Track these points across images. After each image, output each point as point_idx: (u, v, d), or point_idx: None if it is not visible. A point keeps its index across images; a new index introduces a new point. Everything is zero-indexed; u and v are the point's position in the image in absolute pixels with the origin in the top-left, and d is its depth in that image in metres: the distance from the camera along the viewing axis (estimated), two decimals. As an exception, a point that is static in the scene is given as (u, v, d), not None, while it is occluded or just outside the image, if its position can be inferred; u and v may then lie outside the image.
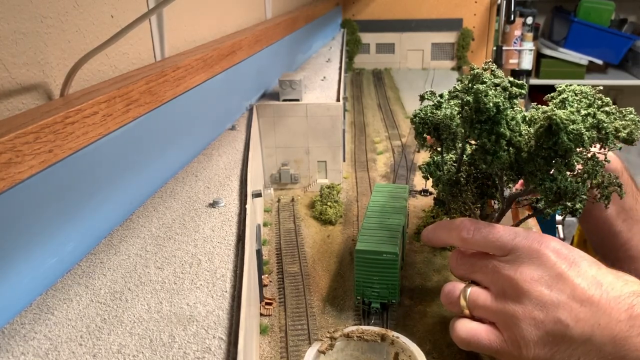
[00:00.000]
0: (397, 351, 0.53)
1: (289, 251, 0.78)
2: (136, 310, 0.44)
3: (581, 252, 0.50)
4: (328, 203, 0.88)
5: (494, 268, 0.51)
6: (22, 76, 0.49)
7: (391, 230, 0.63)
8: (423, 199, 0.95)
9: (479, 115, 0.49)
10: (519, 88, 0.51)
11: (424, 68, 2.14)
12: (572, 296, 0.46)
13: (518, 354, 0.48)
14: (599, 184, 0.53)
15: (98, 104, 0.50)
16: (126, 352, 0.40)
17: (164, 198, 0.65)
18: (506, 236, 0.51)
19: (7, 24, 0.46)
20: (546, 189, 0.50)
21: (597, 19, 2.82)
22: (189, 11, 0.84)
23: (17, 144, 0.40)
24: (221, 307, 0.45)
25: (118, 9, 0.64)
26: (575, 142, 0.47)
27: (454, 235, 0.54)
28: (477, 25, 2.14)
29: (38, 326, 0.42)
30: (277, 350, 0.58)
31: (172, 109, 0.68)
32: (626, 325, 0.44)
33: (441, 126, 0.56)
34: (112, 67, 0.63)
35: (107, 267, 0.51)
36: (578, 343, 0.46)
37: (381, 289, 0.61)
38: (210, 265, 0.51)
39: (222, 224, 0.58)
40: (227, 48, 0.86)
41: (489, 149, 0.50)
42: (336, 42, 1.85)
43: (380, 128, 1.37)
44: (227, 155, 0.78)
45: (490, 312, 0.50)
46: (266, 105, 0.94)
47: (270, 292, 0.68)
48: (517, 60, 2.67)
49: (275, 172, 0.97)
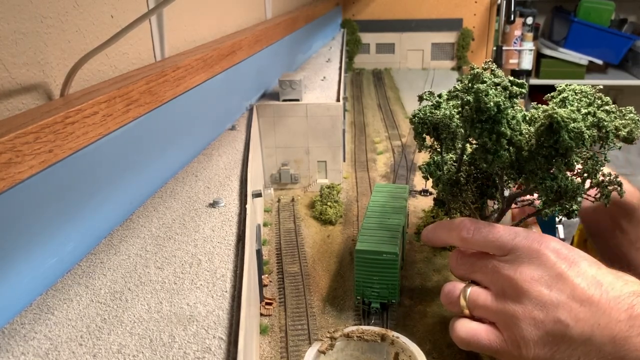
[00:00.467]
0: (397, 351, 0.53)
1: (289, 251, 0.78)
2: (136, 310, 0.44)
3: (581, 252, 0.50)
4: (328, 203, 0.88)
5: (494, 268, 0.51)
6: (22, 76, 0.49)
7: (391, 230, 0.63)
8: (423, 199, 0.95)
9: (480, 114, 0.49)
10: (519, 87, 0.51)
11: (424, 68, 2.14)
12: (571, 296, 0.46)
13: (518, 353, 0.48)
14: (599, 183, 0.53)
15: (98, 104, 0.50)
16: (126, 352, 0.40)
17: (164, 198, 0.65)
18: (506, 236, 0.51)
19: (7, 24, 0.46)
20: (546, 188, 0.50)
21: (597, 19, 2.82)
22: (189, 11, 0.84)
23: (17, 144, 0.40)
24: (221, 307, 0.45)
25: (118, 9, 0.64)
26: (576, 141, 0.47)
27: (454, 235, 0.54)
28: (477, 25, 2.14)
29: (38, 326, 0.42)
30: (277, 350, 0.58)
31: (172, 109, 0.68)
32: (626, 325, 0.44)
33: (440, 126, 0.56)
34: (112, 67, 0.63)
35: (107, 267, 0.51)
36: (578, 343, 0.46)
37: (381, 289, 0.61)
38: (210, 265, 0.51)
39: (222, 224, 0.58)
40: (227, 48, 0.86)
41: (489, 148, 0.50)
42: (336, 42, 1.85)
43: (380, 128, 1.37)
44: (227, 155, 0.78)
45: (490, 312, 0.50)
46: (266, 105, 0.94)
47: (270, 292, 0.68)
48: (517, 60, 2.67)
49: (275, 172, 0.97)
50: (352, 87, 1.82)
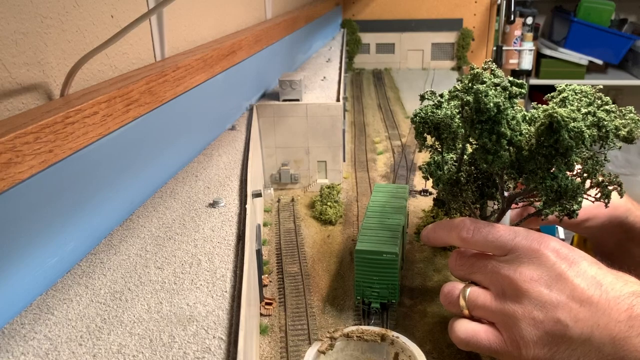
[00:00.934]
0: (397, 351, 0.53)
1: (289, 251, 0.78)
2: (136, 310, 0.44)
3: (581, 252, 0.50)
4: (328, 203, 0.88)
5: (494, 268, 0.51)
6: (22, 76, 0.49)
7: (391, 230, 0.63)
8: (423, 199, 0.95)
9: (480, 115, 0.49)
10: (519, 87, 0.51)
11: (424, 68, 2.14)
12: (571, 296, 0.46)
13: (517, 354, 0.48)
14: (599, 183, 0.53)
15: (98, 104, 0.50)
16: (126, 352, 0.40)
17: (164, 198, 0.65)
18: (506, 236, 0.51)
19: (7, 24, 0.46)
20: (547, 188, 0.50)
21: (597, 19, 2.82)
22: (189, 11, 0.84)
23: (17, 144, 0.40)
24: (221, 307, 0.45)
25: (118, 9, 0.64)
26: (576, 140, 0.47)
27: (453, 235, 0.54)
28: (477, 25, 2.14)
29: (38, 326, 0.42)
30: (277, 350, 0.58)
31: (172, 109, 0.68)
32: (625, 326, 0.44)
33: (441, 126, 0.56)
34: (112, 67, 0.63)
35: (107, 267, 0.51)
36: (577, 343, 0.45)
37: (381, 289, 0.61)
38: (210, 265, 0.51)
39: (222, 224, 0.58)
40: (227, 48, 0.86)
41: (489, 149, 0.50)
42: (336, 42, 1.85)
43: (380, 128, 1.37)
44: (227, 155, 0.78)
45: (490, 312, 0.50)
46: (266, 105, 0.94)
47: (270, 292, 0.68)
48: (517, 60, 2.67)
49: (275, 172, 0.97)
50: (352, 87, 1.82)
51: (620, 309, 0.45)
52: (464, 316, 0.52)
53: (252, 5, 1.21)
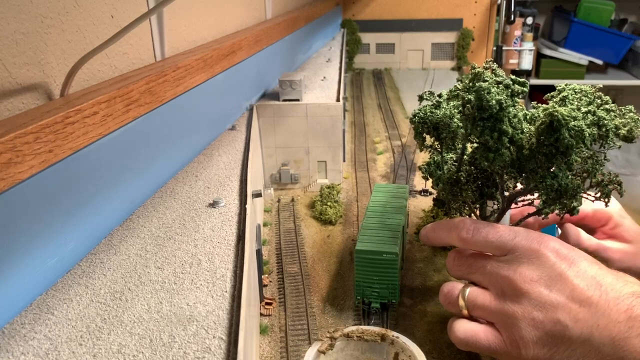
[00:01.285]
0: (397, 351, 0.53)
1: (289, 251, 0.78)
2: (136, 310, 0.44)
3: (581, 252, 0.50)
4: (328, 203, 0.88)
5: (493, 268, 0.51)
6: (22, 76, 0.49)
7: (391, 230, 0.63)
8: (423, 199, 0.95)
9: (482, 112, 0.49)
10: (521, 86, 0.51)
11: (424, 68, 2.14)
12: (571, 297, 0.46)
13: (517, 354, 0.48)
14: (599, 183, 0.53)
15: (98, 104, 0.50)
16: (126, 352, 0.40)
17: (164, 198, 0.65)
18: (506, 236, 0.51)
19: (7, 24, 0.46)
20: (547, 186, 0.50)
21: (597, 19, 2.82)
22: (189, 11, 0.84)
23: (17, 144, 0.40)
24: (221, 307, 0.45)
25: (118, 9, 0.64)
26: (576, 139, 0.47)
27: (453, 235, 0.54)
28: (477, 25, 2.14)
29: (38, 326, 0.42)
30: (277, 350, 0.58)
31: (172, 109, 0.68)
32: (625, 326, 0.44)
33: (441, 125, 0.56)
34: (112, 67, 0.63)
35: (107, 267, 0.51)
36: (577, 344, 0.45)
37: (381, 289, 0.61)
38: (210, 265, 0.51)
39: (222, 224, 0.58)
40: (227, 48, 0.86)
41: (491, 147, 0.50)
42: (336, 42, 1.85)
43: (380, 128, 1.37)
44: (227, 155, 0.78)
45: (489, 312, 0.50)
46: (266, 105, 0.94)
47: (270, 292, 0.68)
48: (517, 61, 2.67)
49: (275, 172, 0.97)
50: (352, 87, 1.82)
51: (619, 310, 0.45)
52: (464, 316, 0.52)
53: (252, 5, 1.21)
